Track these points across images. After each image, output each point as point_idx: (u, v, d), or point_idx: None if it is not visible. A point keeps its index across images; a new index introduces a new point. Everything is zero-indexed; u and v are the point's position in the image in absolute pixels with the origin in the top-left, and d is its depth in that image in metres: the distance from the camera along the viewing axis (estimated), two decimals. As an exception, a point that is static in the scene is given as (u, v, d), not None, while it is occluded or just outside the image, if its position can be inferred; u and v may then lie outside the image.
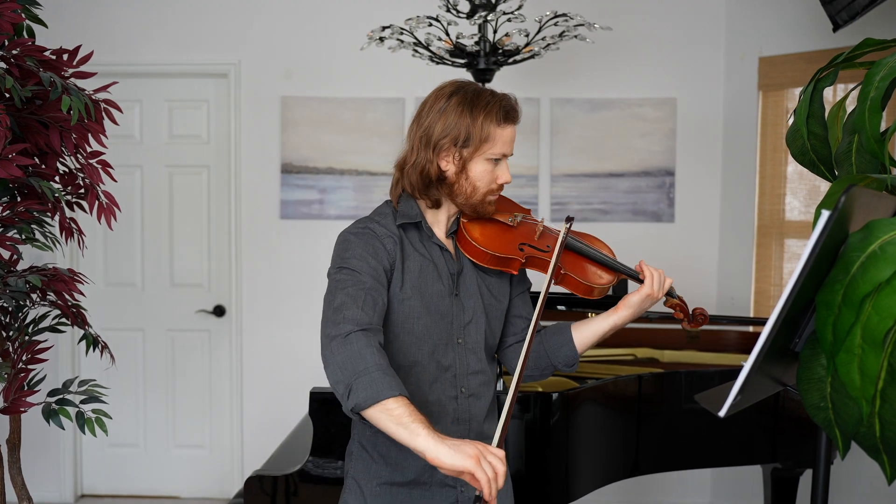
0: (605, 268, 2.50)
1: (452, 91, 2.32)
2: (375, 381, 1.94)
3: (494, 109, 2.28)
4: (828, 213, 1.55)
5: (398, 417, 1.91)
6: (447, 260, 2.37)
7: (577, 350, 2.45)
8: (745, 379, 1.64)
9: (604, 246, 2.60)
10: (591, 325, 2.45)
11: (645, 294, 2.40)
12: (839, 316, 1.62)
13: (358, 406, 1.94)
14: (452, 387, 2.34)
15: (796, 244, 4.96)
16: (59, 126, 2.80)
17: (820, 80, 2.53)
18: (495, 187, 2.34)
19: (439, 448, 1.85)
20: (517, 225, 2.44)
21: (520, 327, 2.52)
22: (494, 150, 2.29)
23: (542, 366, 2.50)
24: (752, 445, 3.69)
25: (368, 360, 1.98)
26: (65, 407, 2.85)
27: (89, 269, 5.21)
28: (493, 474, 1.83)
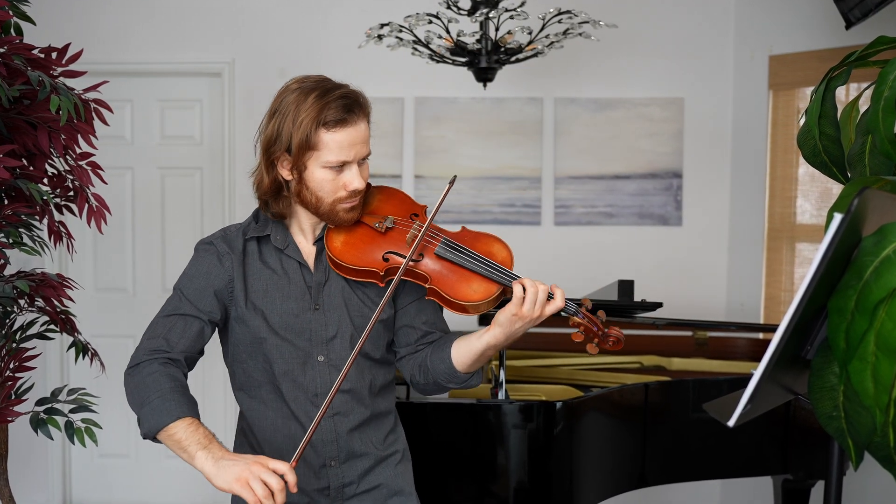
0: (484, 279, 2.21)
1: (289, 90, 2.20)
2: (155, 409, 2.01)
3: (317, 111, 2.12)
4: (840, 216, 1.55)
5: (178, 442, 2.00)
6: (304, 273, 2.28)
7: (454, 367, 2.25)
8: (755, 387, 1.64)
9: (499, 248, 2.29)
10: (469, 342, 2.24)
11: (511, 313, 2.12)
12: (852, 322, 1.62)
13: (146, 436, 2.03)
14: (314, 406, 2.25)
15: (808, 248, 4.96)
16: (47, 126, 2.81)
17: (832, 80, 2.53)
18: (344, 195, 2.20)
19: (210, 470, 1.94)
20: (386, 231, 2.27)
21: (413, 338, 2.36)
22: (328, 158, 2.15)
23: (430, 381, 2.32)
24: (762, 456, 3.69)
25: (151, 388, 2.05)
26: (53, 416, 2.86)
27: (79, 275, 5.21)
28: (264, 493, 1.86)
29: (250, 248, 2.29)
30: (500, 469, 3.14)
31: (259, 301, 2.25)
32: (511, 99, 5.28)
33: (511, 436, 3.14)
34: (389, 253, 2.24)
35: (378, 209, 2.33)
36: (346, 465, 2.30)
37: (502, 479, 3.14)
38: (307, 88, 2.16)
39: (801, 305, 1.59)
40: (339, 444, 2.28)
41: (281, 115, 2.17)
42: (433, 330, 2.38)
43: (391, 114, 5.28)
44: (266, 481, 1.86)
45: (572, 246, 5.28)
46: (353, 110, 2.16)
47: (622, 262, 5.25)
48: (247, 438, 2.37)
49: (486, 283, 2.20)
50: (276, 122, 2.17)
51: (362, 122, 2.20)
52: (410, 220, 2.31)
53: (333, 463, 2.28)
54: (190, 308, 2.22)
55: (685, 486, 5.11)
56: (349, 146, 2.16)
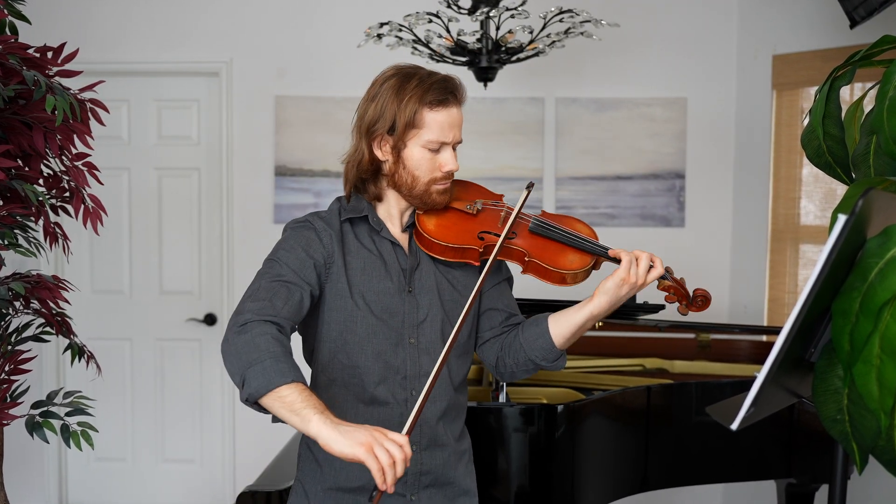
0: (577, 251, 2.37)
1: (388, 75, 2.31)
2: (267, 370, 1.95)
3: (422, 90, 2.24)
4: (845, 217, 1.55)
5: (290, 404, 1.92)
6: (399, 255, 2.35)
7: (553, 342, 2.34)
8: (758, 390, 1.64)
9: (582, 227, 2.45)
10: (568, 315, 2.33)
11: (620, 278, 2.27)
12: (856, 325, 1.62)
13: (251, 396, 1.95)
14: (402, 389, 2.31)
15: (812, 250, 4.96)
16: (43, 127, 2.81)
17: (836, 79, 2.53)
18: (439, 175, 2.30)
19: (331, 434, 1.85)
20: (477, 213, 2.39)
21: (497, 321, 2.46)
22: (430, 137, 2.25)
23: (520, 361, 2.39)
24: (765, 460, 3.68)
25: (262, 349, 1.99)
26: (49, 420, 2.86)
27: (75, 276, 5.21)
28: (388, 461, 1.82)
29: (345, 229, 2.34)
30: (501, 473, 3.14)
31: (357, 279, 2.30)
32: (512, 99, 5.28)
33: (512, 439, 3.14)
34: (484, 232, 2.35)
35: (461, 196, 2.43)
36: (427, 453, 2.34)
37: (503, 482, 3.13)
38: (407, 73, 2.29)
39: (804, 307, 1.59)
40: (424, 429, 2.32)
41: (382, 97, 2.27)
42: (516, 312, 2.49)
43: (391, 114, 5.28)
44: (389, 450, 1.84)
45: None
46: (454, 93, 2.28)
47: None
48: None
49: (580, 254, 2.36)
50: (377, 104, 2.27)
51: (459, 106, 2.31)
52: (498, 204, 2.44)
53: (415, 448, 2.30)
54: (293, 276, 2.21)
55: (688, 491, 5.11)
56: (448, 127, 2.27)
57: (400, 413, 2.30)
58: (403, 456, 1.84)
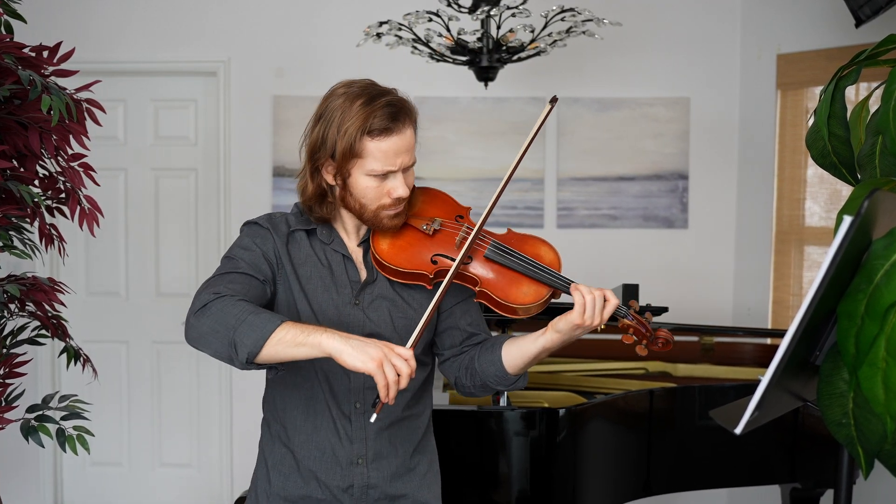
0: (534, 282, 2.24)
1: (335, 94, 2.23)
2: (253, 324, 1.96)
3: (362, 119, 2.14)
4: (850, 218, 1.55)
5: (293, 339, 1.95)
6: (349, 268, 2.31)
7: (505, 370, 2.28)
8: (762, 394, 1.64)
9: (546, 250, 2.32)
10: (522, 345, 2.26)
11: (573, 323, 2.14)
12: (862, 327, 1.62)
13: (251, 353, 1.95)
14: (346, 401, 2.29)
15: (816, 252, 4.96)
16: (38, 127, 2.81)
17: (841, 79, 2.53)
18: (388, 202, 2.22)
19: (344, 347, 1.91)
20: (434, 233, 2.30)
21: (458, 339, 2.41)
22: (373, 167, 2.16)
23: (477, 384, 2.36)
24: (769, 464, 3.68)
25: (235, 312, 1.99)
26: (44, 424, 2.85)
27: (70, 278, 5.21)
28: (394, 378, 1.90)
29: (297, 236, 2.31)
30: (502, 477, 3.13)
31: (305, 285, 2.27)
32: (513, 99, 5.28)
33: (513, 443, 3.13)
34: (438, 255, 2.27)
35: (422, 211, 2.35)
36: (373, 466, 2.32)
37: (504, 487, 3.13)
38: (353, 94, 2.19)
39: (809, 310, 1.59)
40: (368, 442, 2.30)
41: (326, 120, 2.20)
42: (477, 331, 2.42)
43: (390, 114, 5.27)
44: (396, 365, 1.90)
45: (575, 249, 5.27)
46: (399, 118, 2.17)
47: (626, 265, 5.25)
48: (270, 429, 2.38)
49: (536, 285, 2.23)
50: (321, 127, 2.20)
51: (408, 129, 2.20)
52: (457, 222, 2.34)
53: (361, 461, 2.30)
54: (247, 268, 2.20)
55: (691, 496, 5.11)
56: (394, 155, 2.17)
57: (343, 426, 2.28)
58: (409, 370, 1.93)
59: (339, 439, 2.28)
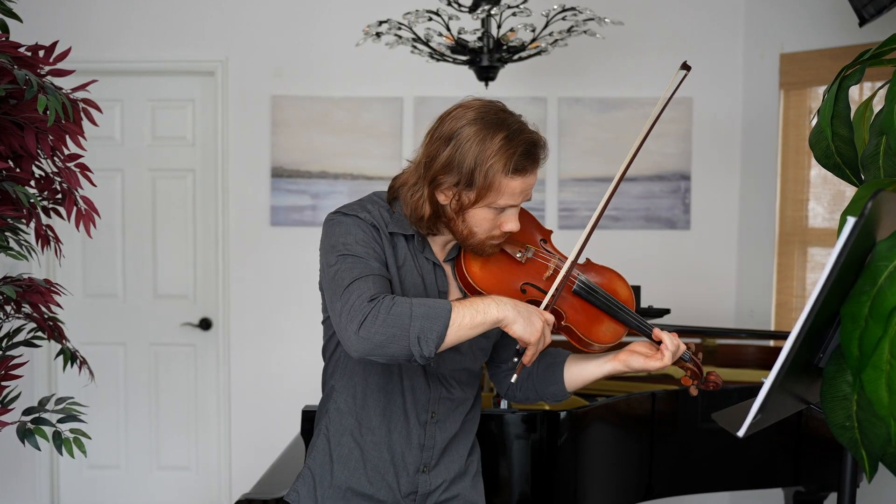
0: (615, 321, 2.33)
1: (473, 117, 2.16)
2: (428, 317, 1.99)
3: (506, 156, 2.10)
4: (853, 219, 1.55)
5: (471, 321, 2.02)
6: (438, 278, 2.32)
7: (566, 390, 2.44)
8: (765, 396, 1.64)
9: (622, 287, 2.40)
10: (586, 368, 2.40)
11: (652, 367, 2.28)
12: (866, 329, 1.62)
13: (438, 345, 2.00)
14: (424, 410, 2.36)
15: (820, 253, 4.96)
16: (34, 127, 2.80)
17: (845, 78, 2.53)
18: (497, 234, 2.22)
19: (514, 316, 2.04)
20: (526, 261, 2.31)
21: (510, 356, 2.55)
22: (499, 202, 2.15)
23: (530, 397, 2.50)
24: (772, 467, 3.68)
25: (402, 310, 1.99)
26: (41, 426, 2.85)
27: (67, 280, 5.21)
28: (543, 347, 2.07)
29: (395, 238, 2.29)
30: (503, 481, 3.13)
31: (403, 290, 2.27)
32: (514, 99, 5.28)
33: (514, 446, 3.13)
34: (527, 284, 2.29)
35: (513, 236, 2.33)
36: (435, 472, 2.39)
37: (504, 491, 3.13)
38: (491, 122, 2.15)
39: (812, 312, 1.59)
40: (436, 450, 2.38)
41: (458, 144, 2.13)
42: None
43: (389, 114, 5.28)
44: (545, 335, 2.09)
45: (577, 250, 5.26)
46: (537, 160, 2.18)
47: (628, 266, 5.21)
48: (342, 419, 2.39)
49: (616, 325, 2.34)
50: (451, 150, 2.14)
51: (538, 171, 2.21)
52: (546, 252, 2.36)
53: (426, 468, 2.37)
54: (380, 268, 2.17)
55: (693, 499, 5.11)
56: (521, 192, 2.17)
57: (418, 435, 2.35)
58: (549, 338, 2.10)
59: (410, 447, 2.35)
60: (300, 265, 5.27)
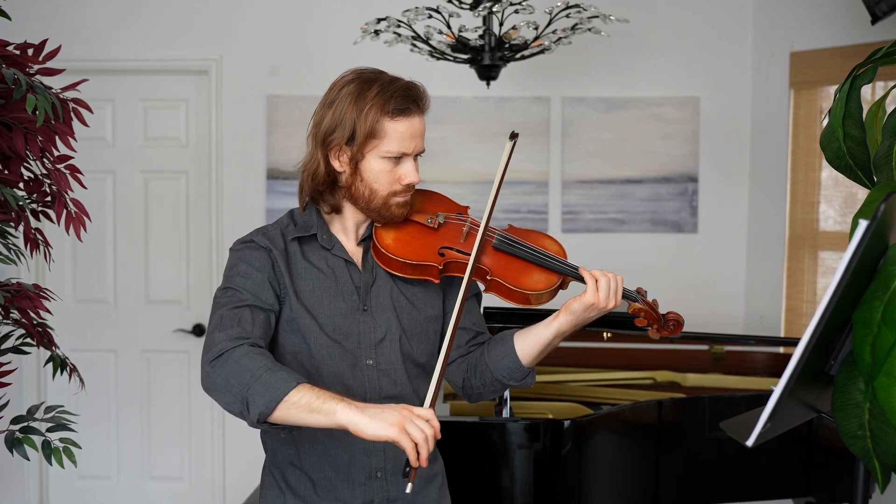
0: (544, 269, 2.33)
1: (347, 80, 2.29)
2: (268, 382, 1.96)
3: (383, 99, 2.21)
4: (866, 222, 1.55)
5: (307, 405, 1.94)
6: (352, 273, 2.33)
7: (520, 361, 2.32)
8: (775, 405, 1.64)
9: (550, 242, 2.42)
10: (534, 333, 2.31)
11: (587, 303, 2.23)
12: (878, 335, 1.62)
13: (263, 414, 1.96)
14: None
15: (831, 257, 4.96)
16: (23, 128, 2.80)
17: (857, 78, 2.53)
18: (399, 188, 2.28)
19: (360, 419, 1.90)
20: (438, 226, 2.36)
21: (463, 340, 2.45)
22: (389, 148, 2.23)
23: (487, 381, 2.39)
24: (782, 477, 3.68)
25: (251, 367, 2.00)
26: (30, 436, 2.85)
27: (56, 285, 5.21)
28: (421, 438, 1.87)
29: (292, 249, 2.32)
30: (505, 491, 3.13)
31: (307, 301, 2.28)
32: (516, 98, 5.28)
33: (516, 456, 3.13)
34: (445, 248, 2.32)
35: (422, 209, 2.40)
36: (393, 479, 2.34)
37: (506, 501, 3.13)
38: (367, 79, 2.27)
39: (824, 317, 1.59)
40: (387, 454, 2.32)
41: (340, 104, 2.25)
42: (482, 330, 2.48)
43: (389, 114, 5.27)
44: (419, 426, 1.89)
45: (581, 254, 5.23)
46: (417, 102, 2.27)
47: (634, 271, 5.24)
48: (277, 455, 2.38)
49: (546, 273, 2.32)
50: (334, 111, 2.26)
51: (422, 115, 2.30)
52: (460, 217, 2.41)
53: (380, 474, 2.32)
54: (253, 299, 2.21)
55: (701, 510, 5.10)
56: (410, 137, 2.26)
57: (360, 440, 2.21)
58: (433, 431, 1.91)
59: (354, 453, 2.29)
60: (296, 270, 5.26)
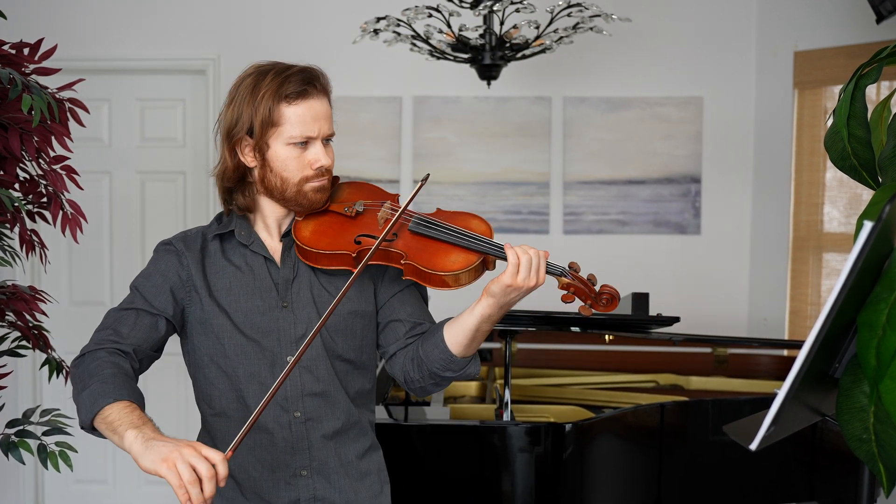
0: (462, 249, 2.25)
1: (244, 75, 2.34)
2: (93, 393, 2.01)
3: (276, 85, 2.24)
4: (871, 224, 1.55)
5: (111, 423, 1.97)
6: (271, 270, 2.33)
7: (450, 351, 2.24)
8: (778, 408, 1.64)
9: (477, 223, 2.34)
10: (460, 320, 2.24)
11: (505, 284, 2.13)
12: (883, 338, 1.62)
13: (82, 424, 2.03)
14: (284, 411, 2.27)
15: (836, 259, 4.96)
16: (19, 128, 2.81)
17: (862, 77, 2.53)
18: (311, 173, 2.26)
19: (139, 450, 1.89)
20: (356, 215, 2.34)
21: (401, 332, 2.37)
22: (292, 133, 2.23)
23: (425, 374, 2.30)
24: (786, 481, 3.68)
25: (93, 374, 2.07)
26: (25, 439, 2.85)
27: (52, 287, 5.20)
28: (190, 478, 1.82)
29: (212, 248, 2.34)
30: (506, 496, 3.13)
31: (222, 299, 2.30)
32: (517, 98, 5.28)
33: (517, 460, 3.13)
34: (362, 236, 2.29)
35: (347, 199, 2.39)
36: (319, 478, 2.31)
37: (507, 506, 3.13)
38: (263, 70, 2.33)
39: (828, 320, 1.59)
40: (312, 452, 2.30)
41: (239, 98, 2.29)
42: (422, 321, 2.40)
43: (388, 114, 5.28)
44: (195, 466, 1.83)
45: (582, 256, 5.21)
46: (313, 83, 2.29)
47: (636, 273, 5.24)
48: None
49: (464, 252, 2.25)
50: (234, 106, 2.30)
51: (323, 97, 2.31)
52: (381, 205, 2.37)
53: (305, 472, 2.30)
54: (143, 303, 2.29)
55: (704, 515, 5.10)
56: (312, 120, 2.25)
57: (283, 438, 2.28)
58: (211, 474, 1.84)
59: (278, 451, 2.28)
60: (295, 271, 5.26)
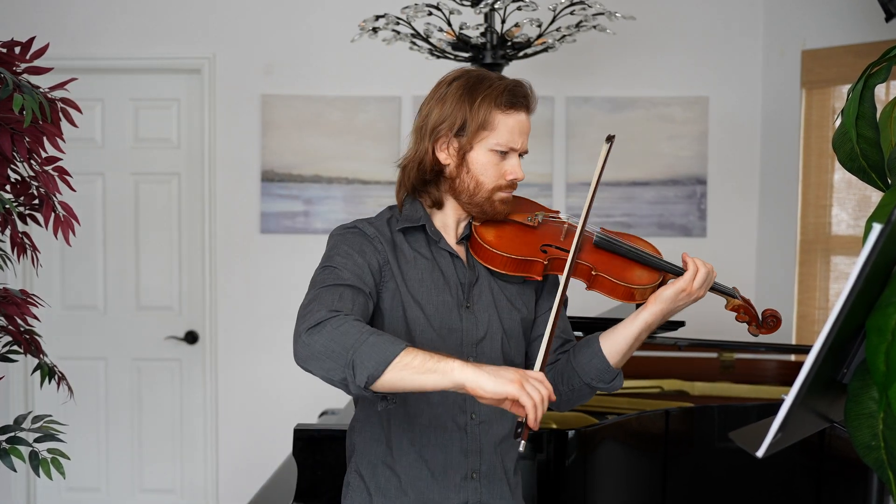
0: (644, 267, 2.42)
1: (456, 76, 2.34)
2: (376, 345, 1.94)
3: (497, 92, 2.28)
4: (880, 226, 1.55)
5: (420, 366, 1.93)
6: (458, 268, 2.36)
7: (607, 361, 2.35)
8: (786, 414, 1.64)
9: (644, 244, 2.52)
10: (621, 329, 2.36)
11: (679, 288, 2.34)
12: (893, 343, 1.62)
13: (372, 376, 1.92)
14: (462, 412, 2.32)
15: (844, 262, 4.96)
16: (9, 128, 2.80)
17: (871, 77, 2.53)
18: (504, 184, 2.32)
19: (479, 376, 1.90)
20: (538, 225, 2.41)
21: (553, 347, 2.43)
22: (499, 140, 2.28)
23: (576, 387, 2.40)
24: (793, 489, 3.68)
25: (355, 332, 1.97)
26: (17, 446, 2.85)
27: (45, 291, 5.20)
28: (538, 397, 1.88)
29: (398, 239, 2.34)
30: None
31: (415, 290, 2.30)
32: (518, 98, 5.27)
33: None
34: (547, 245, 2.36)
35: (517, 210, 2.44)
36: (486, 482, 2.36)
37: (509, 515, 3.13)
38: (478, 75, 2.34)
39: (836, 324, 1.59)
40: (483, 456, 2.35)
41: (450, 98, 2.30)
42: (570, 338, 2.51)
43: (387, 114, 5.28)
44: (536, 387, 1.90)
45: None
46: (528, 98, 2.36)
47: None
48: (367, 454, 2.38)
49: (647, 269, 2.41)
50: (444, 104, 2.31)
51: (529, 114, 2.37)
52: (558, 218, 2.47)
53: (475, 475, 2.34)
54: (354, 280, 2.19)
55: (710, 523, 5.10)
56: (519, 132, 2.31)
57: (459, 439, 2.31)
58: (548, 392, 1.92)
59: (452, 454, 2.32)
60: (292, 275, 5.26)
